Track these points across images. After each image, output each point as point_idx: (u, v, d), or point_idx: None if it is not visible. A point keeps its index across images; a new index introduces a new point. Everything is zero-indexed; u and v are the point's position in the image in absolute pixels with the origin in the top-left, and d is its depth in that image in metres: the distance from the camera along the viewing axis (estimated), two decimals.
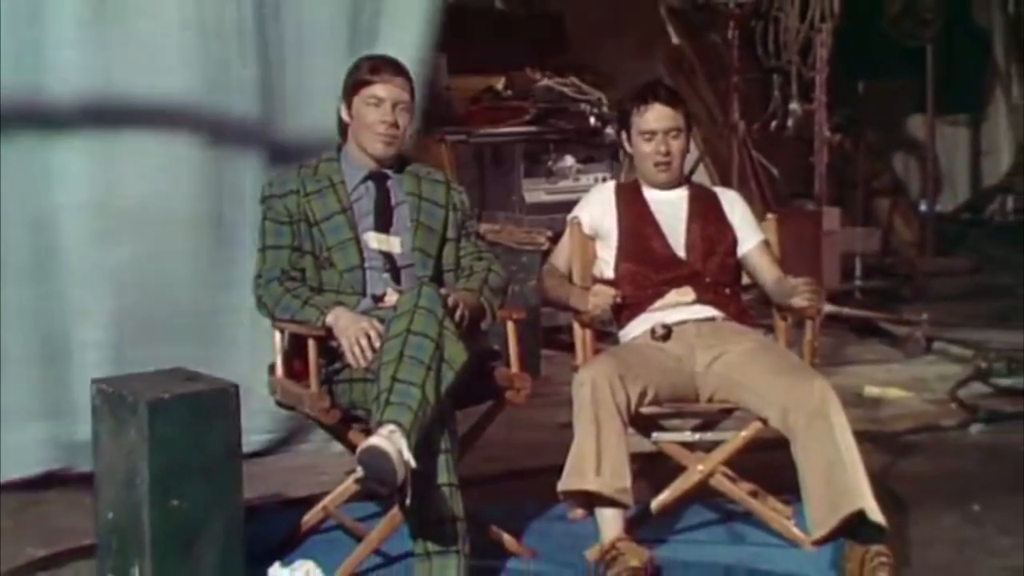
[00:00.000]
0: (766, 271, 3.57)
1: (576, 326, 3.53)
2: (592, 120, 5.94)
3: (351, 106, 3.33)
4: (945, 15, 7.63)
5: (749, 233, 3.61)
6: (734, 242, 3.59)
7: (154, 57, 3.98)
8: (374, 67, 3.34)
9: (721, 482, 3.37)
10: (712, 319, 3.48)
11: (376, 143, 3.31)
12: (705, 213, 3.60)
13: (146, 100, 4.02)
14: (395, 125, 3.29)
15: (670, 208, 3.59)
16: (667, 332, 3.42)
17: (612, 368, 3.23)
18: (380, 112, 3.28)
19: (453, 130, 5.84)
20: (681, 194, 3.62)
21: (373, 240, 3.30)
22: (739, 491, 3.40)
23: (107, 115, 3.96)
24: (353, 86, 3.33)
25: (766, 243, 3.62)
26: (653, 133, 3.53)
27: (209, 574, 2.90)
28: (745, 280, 3.64)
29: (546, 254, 4.36)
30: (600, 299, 3.46)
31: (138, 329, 3.95)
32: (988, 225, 9.28)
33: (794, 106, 6.76)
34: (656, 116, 3.52)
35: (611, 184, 3.78)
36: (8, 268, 3.89)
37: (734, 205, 3.66)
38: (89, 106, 3.92)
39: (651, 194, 3.60)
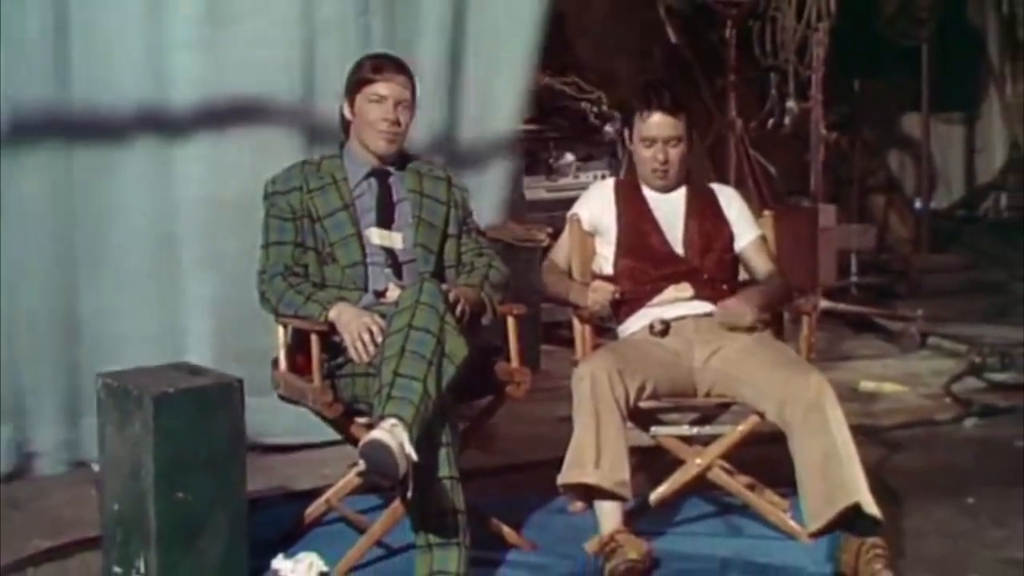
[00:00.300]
0: (759, 267, 3.59)
1: (576, 321, 3.55)
2: (592, 118, 5.96)
3: (354, 104, 3.35)
4: (940, 15, 7.66)
5: (745, 229, 3.62)
6: (731, 238, 3.60)
7: (261, 56, 4.14)
8: (376, 65, 3.37)
9: (719, 475, 3.40)
10: (710, 315, 3.49)
11: (379, 140, 3.33)
12: (703, 210, 3.61)
13: (254, 99, 4.17)
14: (397, 123, 3.32)
15: (668, 205, 3.60)
16: (665, 327, 3.45)
17: (611, 363, 3.25)
18: (382, 110, 3.31)
19: None
20: (680, 192, 3.63)
21: (375, 236, 3.32)
22: (736, 484, 3.43)
23: (218, 113, 4.13)
24: (356, 84, 3.35)
25: (763, 239, 3.64)
26: (653, 140, 3.54)
27: (213, 565, 2.92)
28: (743, 275, 3.66)
29: (546, 250, 4.38)
30: (599, 295, 3.48)
31: (240, 320, 4.05)
32: (982, 222, 9.30)
33: (791, 104, 6.77)
34: (657, 124, 3.52)
35: (611, 181, 3.78)
36: (129, 260, 4.08)
37: (731, 201, 3.67)
38: (201, 105, 4.09)
39: (650, 191, 3.62)
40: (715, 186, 3.79)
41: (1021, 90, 9.26)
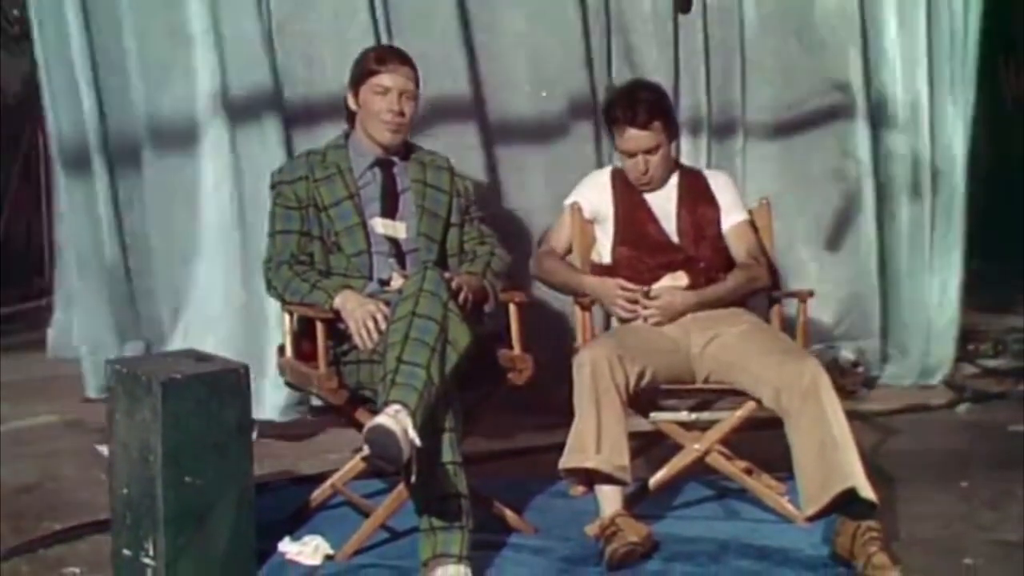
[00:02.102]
0: (737, 254, 3.58)
1: (577, 309, 3.58)
2: None
3: (358, 95, 3.38)
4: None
5: (730, 211, 3.62)
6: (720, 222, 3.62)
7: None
8: (380, 57, 3.39)
9: (717, 460, 3.43)
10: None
11: (383, 131, 3.37)
12: (694, 197, 3.62)
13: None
14: (401, 113, 3.35)
15: (661, 195, 3.62)
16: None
17: (612, 349, 3.27)
18: (387, 101, 3.34)
19: None
20: (671, 181, 3.64)
21: (379, 225, 3.35)
22: (734, 469, 3.46)
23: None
24: (360, 75, 3.38)
25: (748, 223, 3.63)
26: (632, 153, 3.56)
27: (221, 548, 2.94)
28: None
29: None
30: (628, 305, 3.47)
31: None
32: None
33: None
34: (632, 138, 3.52)
35: (607, 170, 3.76)
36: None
37: (722, 185, 3.67)
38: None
39: None
40: (708, 172, 3.78)
41: (1012, 85, 9.30)
